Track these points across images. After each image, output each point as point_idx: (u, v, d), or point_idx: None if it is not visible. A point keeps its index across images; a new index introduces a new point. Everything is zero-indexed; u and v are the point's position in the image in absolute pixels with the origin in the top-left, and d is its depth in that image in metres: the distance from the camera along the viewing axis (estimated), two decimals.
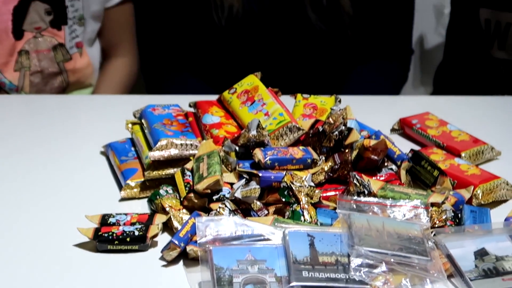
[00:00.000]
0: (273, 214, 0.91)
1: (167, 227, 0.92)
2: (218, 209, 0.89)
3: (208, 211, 0.91)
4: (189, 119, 1.10)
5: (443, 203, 0.92)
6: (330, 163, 0.98)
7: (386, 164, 1.01)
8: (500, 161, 1.14)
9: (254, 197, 0.91)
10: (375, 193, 0.93)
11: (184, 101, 1.16)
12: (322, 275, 0.80)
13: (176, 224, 0.91)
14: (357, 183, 0.93)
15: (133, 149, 1.08)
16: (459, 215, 0.93)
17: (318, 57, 1.61)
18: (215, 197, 0.93)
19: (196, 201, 0.93)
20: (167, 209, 0.93)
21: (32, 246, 0.90)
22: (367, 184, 0.93)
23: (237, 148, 1.00)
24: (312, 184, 0.94)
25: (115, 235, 0.88)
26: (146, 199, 0.99)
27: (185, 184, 0.95)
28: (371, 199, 0.91)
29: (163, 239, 0.90)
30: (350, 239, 0.83)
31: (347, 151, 0.99)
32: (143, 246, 0.88)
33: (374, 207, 0.90)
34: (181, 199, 0.94)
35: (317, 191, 0.93)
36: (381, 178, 0.98)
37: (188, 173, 0.96)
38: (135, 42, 1.63)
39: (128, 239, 0.87)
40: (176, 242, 0.85)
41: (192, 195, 0.93)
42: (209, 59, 1.63)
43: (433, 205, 0.91)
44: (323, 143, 1.00)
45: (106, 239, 0.87)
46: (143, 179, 1.01)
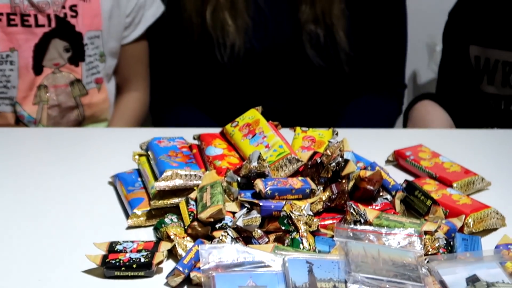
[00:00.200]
0: (273, 242, 0.91)
1: (172, 254, 0.93)
2: (221, 237, 0.90)
3: (211, 239, 0.92)
4: (193, 151, 1.11)
5: (436, 231, 0.92)
6: (328, 193, 0.98)
7: (381, 194, 1.01)
8: (490, 191, 1.14)
9: (255, 226, 0.91)
10: (371, 221, 0.93)
11: (188, 134, 1.17)
12: None
13: (180, 251, 0.92)
14: (353, 212, 0.93)
15: (139, 179, 1.09)
16: (451, 243, 0.94)
17: (316, 92, 1.62)
18: (217, 226, 0.93)
19: (199, 229, 0.94)
20: (172, 237, 0.94)
21: (44, 272, 0.91)
22: (363, 213, 0.94)
23: (239, 179, 1.00)
24: (311, 213, 0.94)
25: (122, 261, 0.88)
26: (152, 227, 0.99)
27: (189, 213, 0.95)
28: (367, 227, 0.91)
29: (168, 265, 0.90)
30: (347, 265, 0.83)
31: (344, 181, 0.99)
32: (149, 273, 0.88)
33: (370, 235, 0.90)
34: (185, 227, 0.95)
35: (315, 219, 0.93)
36: (377, 208, 0.99)
37: (192, 202, 0.97)
38: (148, 77, 1.64)
39: (134, 266, 0.88)
40: (181, 269, 0.86)
41: (196, 223, 0.94)
42: (212, 94, 1.64)
43: (426, 233, 0.91)
44: (321, 174, 1.00)
45: (114, 265, 0.88)
46: (149, 208, 1.01)
